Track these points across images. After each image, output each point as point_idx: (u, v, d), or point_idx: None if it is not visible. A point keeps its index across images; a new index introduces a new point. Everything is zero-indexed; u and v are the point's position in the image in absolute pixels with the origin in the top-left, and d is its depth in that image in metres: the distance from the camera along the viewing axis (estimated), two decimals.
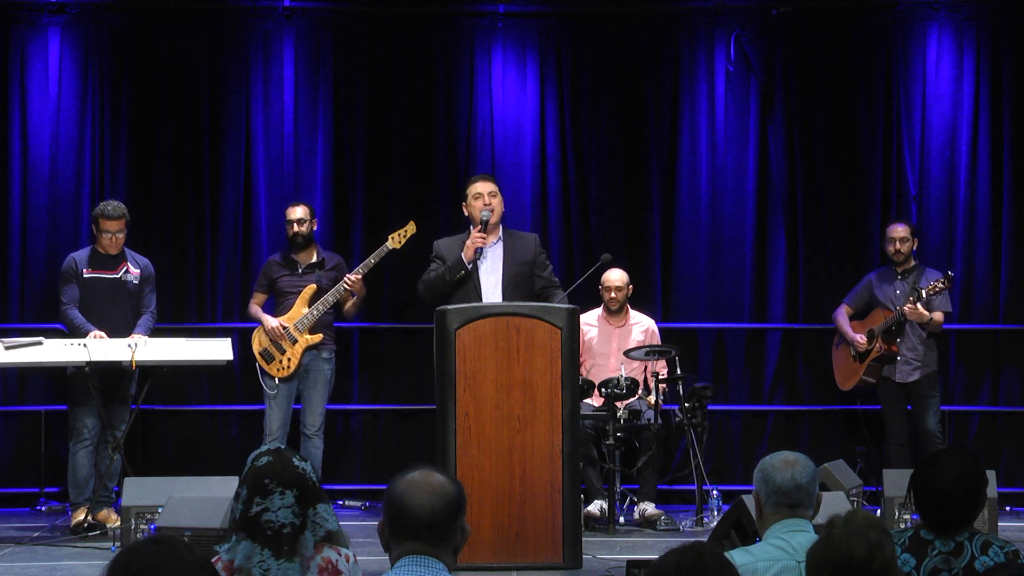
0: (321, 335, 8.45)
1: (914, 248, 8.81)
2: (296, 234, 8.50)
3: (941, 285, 8.47)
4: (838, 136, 9.49)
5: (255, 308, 8.57)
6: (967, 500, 3.89)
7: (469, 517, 7.08)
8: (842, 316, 8.95)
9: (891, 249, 8.76)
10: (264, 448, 3.66)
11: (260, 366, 8.39)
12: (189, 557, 2.53)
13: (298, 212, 8.54)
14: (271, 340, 8.39)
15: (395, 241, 8.42)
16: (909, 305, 8.48)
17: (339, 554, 3.61)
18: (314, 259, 8.55)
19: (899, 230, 8.77)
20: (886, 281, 8.83)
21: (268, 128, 9.41)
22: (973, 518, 3.93)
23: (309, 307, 8.40)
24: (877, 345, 8.71)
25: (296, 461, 3.57)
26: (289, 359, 8.40)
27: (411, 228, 8.44)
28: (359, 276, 8.38)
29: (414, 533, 3.04)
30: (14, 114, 9.26)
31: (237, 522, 3.52)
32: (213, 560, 3.54)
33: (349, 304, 8.57)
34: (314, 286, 8.44)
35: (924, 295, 8.48)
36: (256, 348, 8.44)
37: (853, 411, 9.36)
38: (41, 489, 9.09)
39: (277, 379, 8.38)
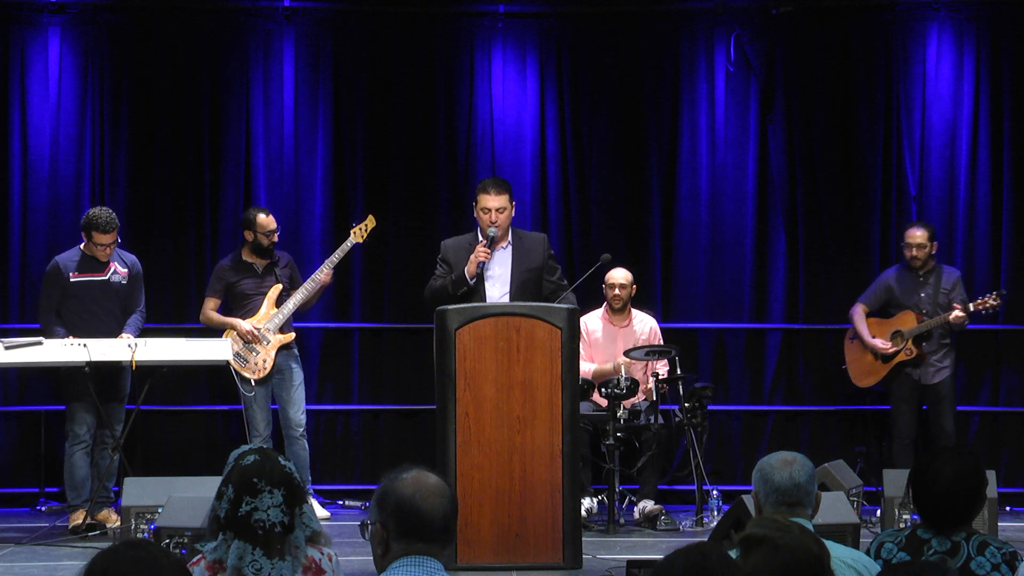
0: (292, 334, 8.51)
1: (933, 252, 8.76)
2: (271, 243, 8.50)
3: (992, 302, 8.46)
4: (838, 136, 9.49)
5: (215, 314, 8.52)
6: (966, 499, 3.87)
7: (469, 517, 7.10)
8: (859, 316, 8.85)
9: (908, 255, 8.71)
10: (247, 447, 3.65)
11: (235, 370, 8.37)
12: (165, 562, 2.54)
13: (273, 222, 8.53)
14: (244, 343, 8.38)
15: (357, 235, 8.55)
16: (959, 313, 8.45)
17: (322, 553, 3.64)
18: (268, 259, 8.56)
19: (916, 235, 8.68)
20: (908, 283, 8.75)
21: (268, 128, 9.41)
22: (972, 517, 3.91)
23: (277, 307, 8.42)
24: (907, 348, 8.66)
25: (282, 460, 3.58)
26: (264, 360, 8.40)
27: (371, 222, 8.60)
28: (329, 272, 8.46)
29: (430, 537, 3.04)
30: (14, 114, 9.26)
31: (223, 521, 3.50)
32: (196, 560, 3.53)
33: (313, 300, 8.62)
34: (279, 286, 8.47)
35: (972, 308, 8.48)
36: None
37: (853, 411, 9.37)
38: (41, 489, 9.09)
39: (253, 381, 8.38)
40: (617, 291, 8.67)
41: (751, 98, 9.49)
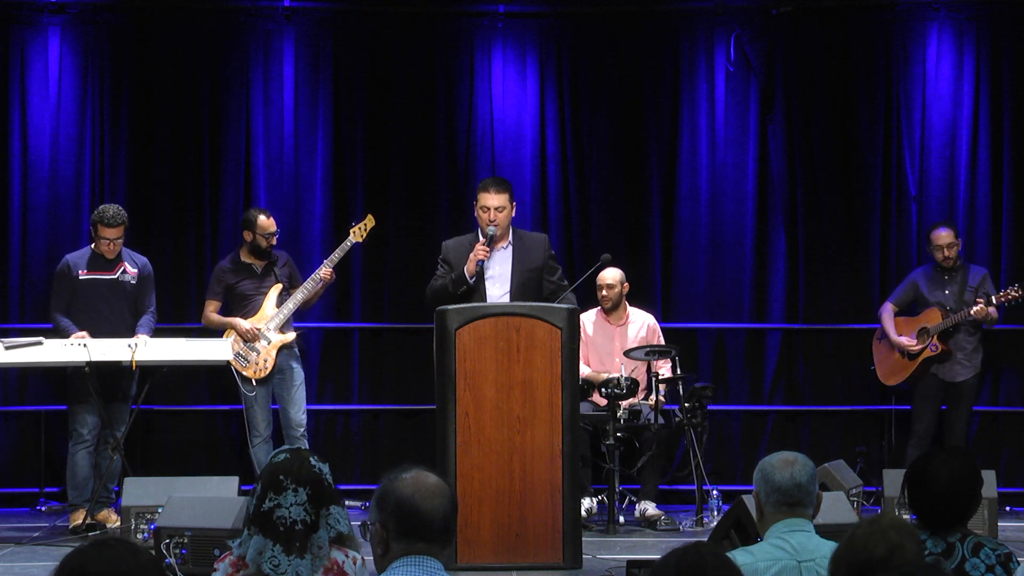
0: (293, 334, 8.50)
1: (960, 250, 8.77)
2: (269, 245, 8.50)
3: (1015, 293, 8.46)
4: (838, 136, 9.49)
5: (216, 316, 8.51)
6: (963, 500, 3.87)
7: (469, 517, 7.09)
8: (887, 315, 8.86)
9: (939, 256, 8.70)
10: (286, 446, 3.73)
11: (236, 370, 8.36)
12: (134, 559, 2.53)
13: (274, 225, 8.52)
14: (244, 343, 8.38)
15: (357, 235, 8.56)
16: (980, 307, 8.45)
17: (346, 555, 3.63)
18: (266, 260, 8.56)
19: (943, 236, 8.68)
20: (934, 281, 8.77)
21: (268, 128, 9.42)
22: (967, 518, 3.91)
23: (278, 307, 8.43)
24: (932, 344, 8.67)
25: (313, 461, 3.60)
26: (265, 360, 8.39)
27: (370, 221, 8.61)
28: (330, 270, 8.44)
29: (430, 537, 3.05)
30: (14, 114, 9.26)
31: (250, 517, 3.55)
32: (223, 556, 3.56)
33: (314, 299, 8.62)
34: (280, 285, 8.47)
35: (994, 300, 8.48)
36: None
37: (853, 411, 9.37)
38: (41, 489, 9.09)
39: (254, 381, 8.38)
40: (605, 291, 8.67)
41: (751, 98, 9.49)
